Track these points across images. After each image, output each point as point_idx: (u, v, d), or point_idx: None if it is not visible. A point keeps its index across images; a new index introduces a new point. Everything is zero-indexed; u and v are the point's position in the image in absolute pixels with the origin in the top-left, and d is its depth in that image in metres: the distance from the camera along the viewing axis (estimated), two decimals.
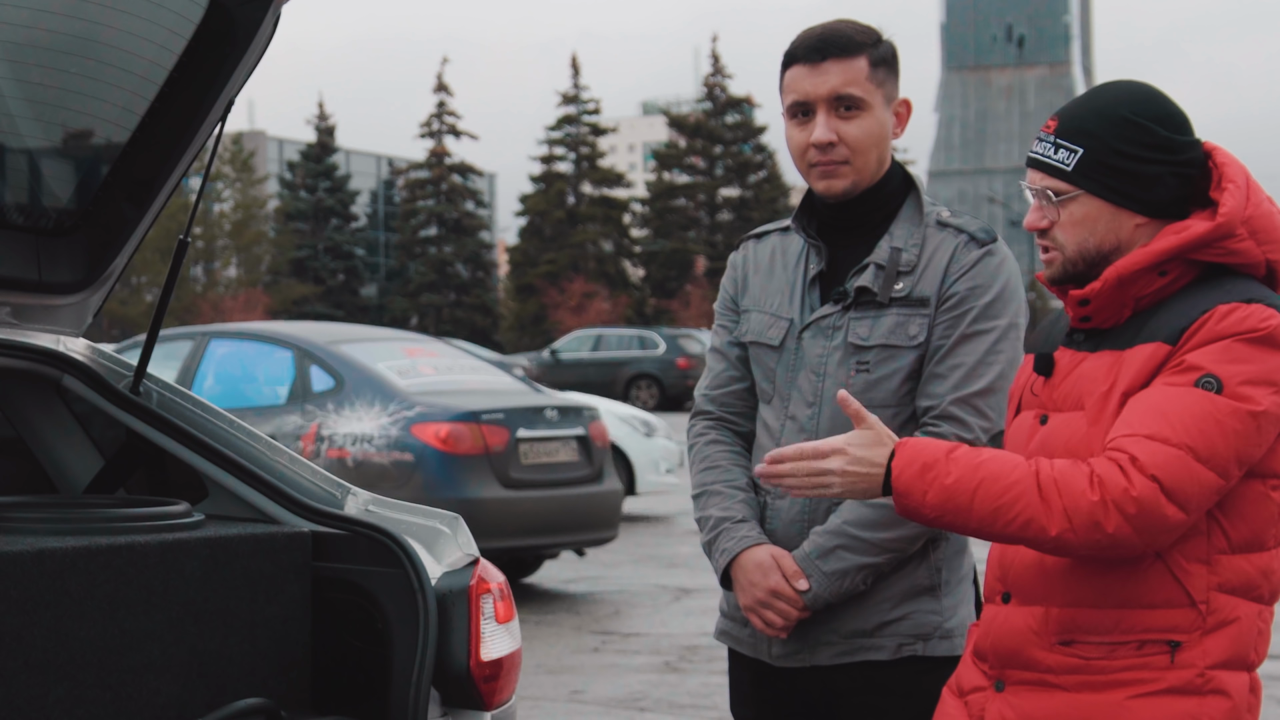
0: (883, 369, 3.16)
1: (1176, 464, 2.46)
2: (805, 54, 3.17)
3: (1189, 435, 2.46)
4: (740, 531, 3.20)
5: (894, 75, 3.21)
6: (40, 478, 3.88)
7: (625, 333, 38.02)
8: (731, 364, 3.35)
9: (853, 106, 3.15)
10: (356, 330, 12.41)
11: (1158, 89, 2.66)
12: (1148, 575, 2.55)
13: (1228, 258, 2.59)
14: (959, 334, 3.13)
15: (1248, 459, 2.50)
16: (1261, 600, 2.58)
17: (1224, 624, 2.55)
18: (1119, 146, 2.59)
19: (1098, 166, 2.60)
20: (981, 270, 3.15)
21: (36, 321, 3.73)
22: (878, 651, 3.14)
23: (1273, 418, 2.50)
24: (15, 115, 3.51)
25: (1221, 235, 2.57)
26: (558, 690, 7.86)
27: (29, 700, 2.97)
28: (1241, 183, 2.59)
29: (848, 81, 3.15)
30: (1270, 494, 2.56)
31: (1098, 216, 2.62)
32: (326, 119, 73.48)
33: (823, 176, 3.19)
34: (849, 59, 3.15)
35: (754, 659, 3.27)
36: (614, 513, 10.87)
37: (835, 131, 3.15)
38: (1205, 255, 2.59)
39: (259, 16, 3.40)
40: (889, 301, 3.15)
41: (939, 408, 3.11)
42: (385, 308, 73.74)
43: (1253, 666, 2.59)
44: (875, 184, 3.21)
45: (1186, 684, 2.53)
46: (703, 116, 72.12)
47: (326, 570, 3.43)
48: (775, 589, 3.13)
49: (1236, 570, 2.55)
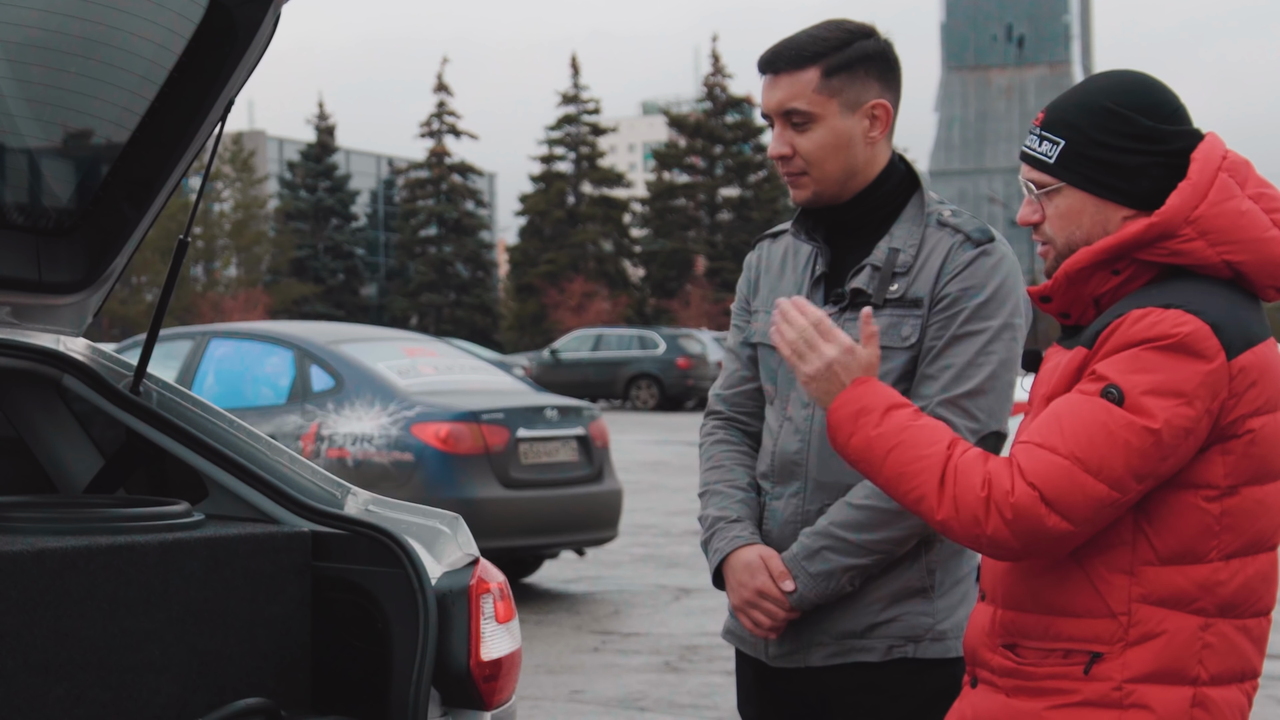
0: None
1: (1060, 474, 2.43)
2: (761, 65, 3.20)
3: (1079, 446, 2.42)
4: (733, 531, 3.22)
5: (862, 78, 3.15)
6: (40, 478, 3.88)
7: (625, 333, 38.01)
8: (743, 364, 3.36)
9: (801, 119, 3.15)
10: (356, 330, 12.40)
11: (1150, 78, 2.59)
12: (1071, 583, 2.52)
13: (1172, 258, 2.51)
14: (950, 335, 3.12)
15: (1148, 473, 2.43)
16: (1205, 613, 2.48)
17: (1149, 637, 2.47)
18: (1099, 137, 2.54)
19: (1079, 158, 2.56)
20: (975, 271, 3.13)
21: (36, 321, 3.74)
22: (868, 653, 3.15)
23: (1177, 430, 2.42)
24: (15, 115, 3.51)
25: (1158, 235, 2.50)
26: (558, 690, 7.86)
27: (29, 700, 2.97)
28: (1201, 180, 2.50)
29: (793, 96, 3.14)
30: (1203, 505, 2.47)
31: (1082, 209, 2.58)
32: (326, 119, 73.51)
33: (789, 186, 3.23)
34: (796, 72, 3.14)
35: (754, 658, 3.28)
36: (614, 513, 10.87)
37: (789, 144, 3.17)
38: (1149, 255, 2.52)
39: (259, 16, 3.40)
40: (883, 303, 3.15)
41: (927, 409, 3.11)
42: (385, 308, 73.78)
43: (1199, 681, 2.48)
44: (868, 187, 3.20)
45: (1102, 697, 2.48)
46: (703, 116, 72.14)
47: (326, 570, 3.43)
48: (762, 589, 3.15)
49: (1165, 582, 2.47)
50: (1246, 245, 2.50)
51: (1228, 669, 2.50)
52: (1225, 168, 2.53)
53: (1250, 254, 2.50)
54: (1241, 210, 2.51)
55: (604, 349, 36.78)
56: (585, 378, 35.53)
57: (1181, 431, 2.42)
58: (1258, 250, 2.51)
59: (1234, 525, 2.48)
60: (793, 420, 3.20)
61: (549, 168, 72.43)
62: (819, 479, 3.16)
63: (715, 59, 71.48)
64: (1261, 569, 2.52)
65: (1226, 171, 2.53)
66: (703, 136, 71.14)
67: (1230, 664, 2.51)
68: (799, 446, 3.18)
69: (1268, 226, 2.52)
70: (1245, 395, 2.46)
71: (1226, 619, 2.50)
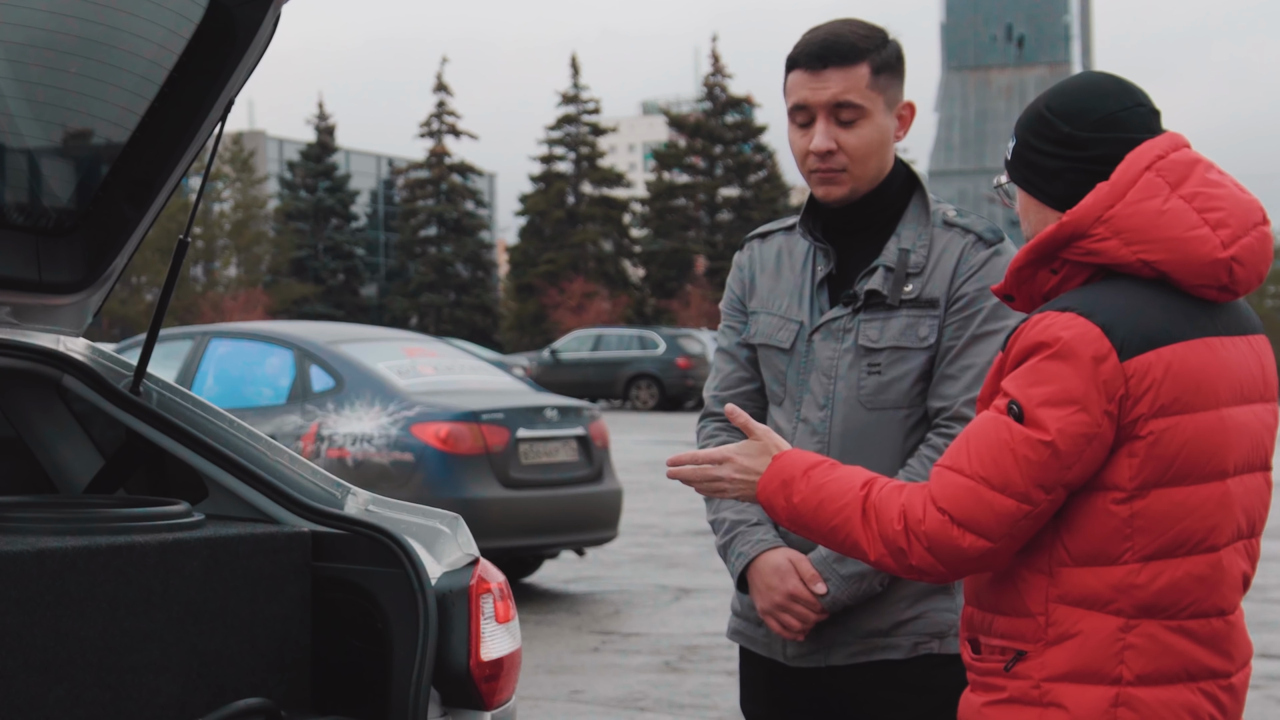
0: (894, 370, 3.16)
1: (967, 495, 2.48)
2: (807, 60, 3.16)
3: (983, 466, 2.47)
4: (756, 535, 3.21)
5: (898, 79, 3.19)
6: (40, 478, 3.88)
7: (625, 333, 37.99)
8: (740, 365, 3.35)
9: (852, 115, 3.15)
10: (356, 330, 12.39)
11: (1102, 83, 2.60)
12: (1002, 583, 2.57)
13: (1089, 258, 2.52)
14: (969, 335, 3.14)
15: (1053, 482, 2.45)
16: (1124, 614, 2.48)
17: (1065, 637, 2.49)
18: (1029, 140, 2.60)
19: (1018, 159, 2.63)
20: (990, 270, 3.15)
21: (36, 321, 3.74)
22: (894, 650, 3.16)
23: (1074, 438, 2.44)
24: (15, 115, 3.51)
25: (1070, 235, 2.52)
26: (558, 690, 7.86)
27: (29, 700, 2.97)
28: (1120, 181, 2.50)
29: (848, 89, 3.14)
30: (1111, 507, 2.47)
31: (1028, 208, 2.65)
32: (326, 119, 73.50)
33: (822, 183, 3.19)
34: (850, 67, 3.14)
35: (768, 658, 3.28)
36: (614, 513, 10.87)
37: (834, 140, 3.15)
38: (1069, 255, 2.55)
39: (259, 16, 3.40)
40: (899, 304, 3.16)
41: (952, 409, 3.13)
42: (385, 308, 73.76)
43: (1122, 681, 2.48)
44: (878, 186, 3.21)
45: (1024, 694, 2.52)
46: (703, 116, 72.12)
47: (326, 570, 3.43)
48: (793, 593, 3.15)
49: (1079, 583, 2.49)
50: (1164, 244, 2.49)
51: (1160, 669, 2.50)
52: (1157, 169, 2.52)
53: (1168, 253, 2.49)
54: (1161, 209, 2.49)
55: (604, 349, 36.76)
56: (585, 378, 35.52)
57: (1081, 439, 2.44)
58: (1177, 249, 2.49)
59: (1147, 528, 2.47)
60: (809, 422, 3.20)
61: (549, 168, 72.43)
62: None
63: (715, 59, 71.47)
64: (1195, 571, 2.50)
65: (1157, 172, 2.52)
66: (703, 136, 71.12)
67: (1165, 665, 2.50)
68: (817, 448, 3.17)
69: (1194, 225, 2.49)
70: (1144, 397, 2.45)
71: (1155, 620, 2.49)
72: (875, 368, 3.16)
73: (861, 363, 3.17)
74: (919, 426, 3.17)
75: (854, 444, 3.16)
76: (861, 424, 3.17)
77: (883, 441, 3.16)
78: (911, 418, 3.17)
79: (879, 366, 3.16)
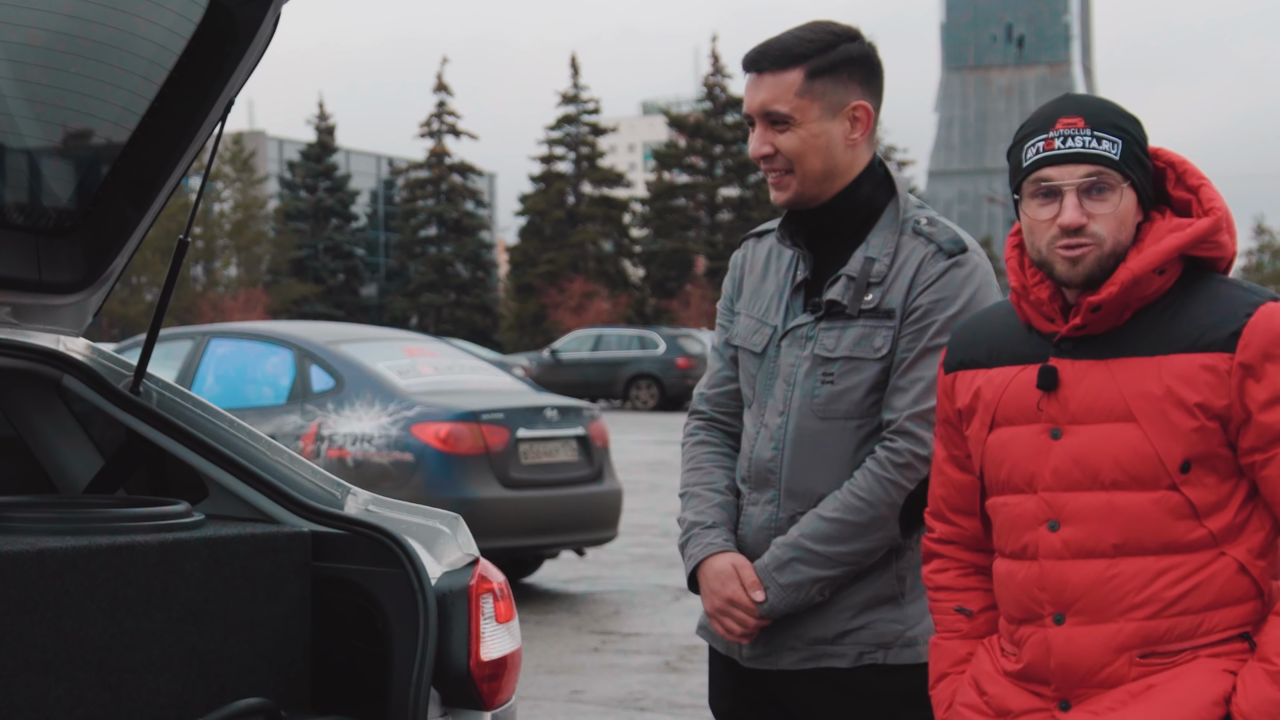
0: (847, 380, 3.15)
1: None
2: (745, 64, 3.19)
3: None
4: (707, 538, 3.23)
5: (848, 82, 3.15)
6: (40, 478, 3.88)
7: (625, 333, 37.98)
8: (727, 364, 3.36)
9: (779, 121, 3.15)
10: (356, 330, 12.40)
11: None
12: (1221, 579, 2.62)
13: (1215, 251, 2.62)
14: (921, 347, 3.11)
15: None
16: None
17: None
18: (1144, 142, 2.63)
19: (1133, 159, 2.61)
20: (947, 283, 3.12)
21: (36, 321, 3.73)
22: (838, 659, 3.17)
23: None
24: (15, 115, 3.51)
25: (1217, 229, 2.62)
26: (558, 690, 7.86)
27: (29, 700, 2.97)
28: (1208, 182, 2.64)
29: (774, 98, 3.14)
30: None
31: (1129, 211, 2.62)
32: (326, 119, 73.49)
33: (772, 187, 3.22)
34: (780, 72, 3.14)
35: (728, 657, 3.31)
36: (614, 513, 10.87)
37: (770, 143, 3.16)
38: (1200, 251, 2.60)
39: (259, 16, 3.40)
40: (858, 314, 3.15)
41: (896, 423, 3.11)
42: (385, 308, 73.75)
43: None
44: (845, 189, 3.19)
45: None
46: (702, 116, 72.11)
47: (326, 570, 3.43)
48: (733, 598, 3.17)
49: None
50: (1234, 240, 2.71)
51: None
52: None
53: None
54: None
55: (604, 349, 36.75)
56: (585, 378, 35.50)
57: None
58: None
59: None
60: (768, 427, 3.21)
61: (549, 168, 72.40)
62: (791, 487, 3.17)
63: (715, 59, 71.48)
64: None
65: None
66: (703, 136, 71.11)
67: None
68: (773, 454, 3.18)
69: None
70: None
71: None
72: (829, 377, 3.15)
73: (817, 371, 3.16)
74: (871, 437, 3.16)
75: (806, 452, 3.16)
76: (814, 432, 3.16)
77: (833, 450, 3.15)
78: (864, 428, 3.15)
79: (832, 376, 3.15)
